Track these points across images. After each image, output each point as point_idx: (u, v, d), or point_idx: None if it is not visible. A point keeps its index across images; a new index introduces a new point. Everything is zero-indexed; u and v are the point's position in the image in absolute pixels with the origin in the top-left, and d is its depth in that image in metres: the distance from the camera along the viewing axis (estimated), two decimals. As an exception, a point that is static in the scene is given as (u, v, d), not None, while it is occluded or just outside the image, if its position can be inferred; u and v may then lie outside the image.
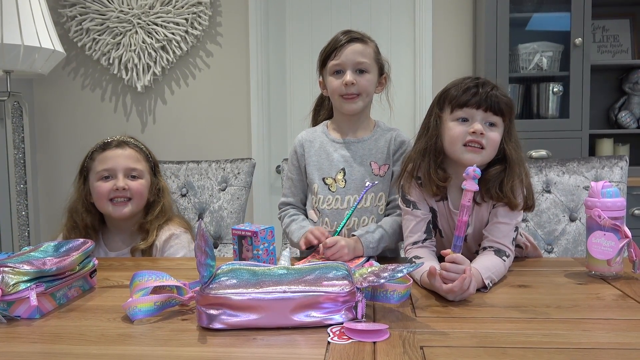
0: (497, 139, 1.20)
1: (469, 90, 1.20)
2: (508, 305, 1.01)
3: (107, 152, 1.53)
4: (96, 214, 1.56)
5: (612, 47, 3.01)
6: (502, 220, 1.23)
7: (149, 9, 3.17)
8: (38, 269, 0.97)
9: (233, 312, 0.87)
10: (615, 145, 2.89)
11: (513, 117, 1.25)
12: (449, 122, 1.23)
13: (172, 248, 1.53)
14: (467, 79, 1.23)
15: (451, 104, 1.22)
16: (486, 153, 1.20)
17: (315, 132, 1.55)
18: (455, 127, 1.21)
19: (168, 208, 1.60)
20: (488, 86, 1.21)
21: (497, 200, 1.22)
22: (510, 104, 1.23)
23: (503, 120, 1.22)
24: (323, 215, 1.48)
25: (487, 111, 1.19)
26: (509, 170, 1.21)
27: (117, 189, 1.49)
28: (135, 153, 1.57)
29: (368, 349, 0.80)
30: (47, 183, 3.39)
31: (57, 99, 3.38)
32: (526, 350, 0.78)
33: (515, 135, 1.25)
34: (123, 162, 1.52)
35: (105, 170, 1.51)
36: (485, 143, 1.18)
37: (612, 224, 1.14)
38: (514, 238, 1.25)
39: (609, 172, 1.71)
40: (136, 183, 1.53)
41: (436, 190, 1.25)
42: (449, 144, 1.23)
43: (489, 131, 1.19)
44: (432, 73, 3.08)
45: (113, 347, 0.83)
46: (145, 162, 1.58)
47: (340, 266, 0.93)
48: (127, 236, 1.58)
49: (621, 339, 0.83)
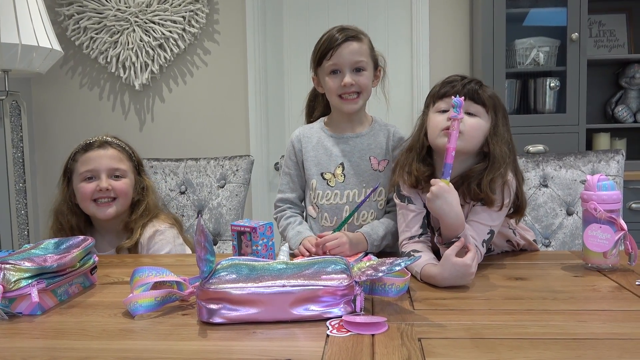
0: (476, 125, 1.21)
1: (450, 83, 1.24)
2: (505, 297, 1.02)
3: (90, 153, 1.52)
4: (82, 215, 1.56)
5: (608, 42, 3.02)
6: (477, 219, 1.22)
7: (146, 7, 3.17)
8: (39, 265, 0.98)
9: (233, 307, 0.88)
10: (612, 139, 2.90)
11: (500, 114, 1.25)
12: (431, 114, 1.25)
13: (156, 245, 1.52)
14: (452, 76, 1.26)
15: (433, 98, 1.26)
16: (465, 139, 1.19)
17: (312, 128, 1.55)
18: (435, 117, 1.23)
19: (153, 206, 1.59)
20: (471, 80, 1.23)
21: (475, 197, 1.22)
22: (495, 98, 1.24)
23: (486, 112, 1.22)
24: (322, 210, 1.48)
25: (466, 99, 1.20)
26: (490, 167, 1.20)
27: (101, 189, 1.49)
28: (118, 153, 1.55)
29: (367, 341, 0.81)
30: (46, 181, 3.39)
31: (55, 98, 3.39)
32: (522, 341, 0.79)
33: (503, 135, 1.24)
34: (106, 162, 1.51)
35: (88, 172, 1.50)
36: (463, 129, 1.18)
37: (607, 217, 1.15)
38: (485, 241, 1.22)
39: (605, 166, 1.72)
40: (120, 183, 1.52)
41: (414, 182, 1.26)
42: (430, 135, 1.24)
43: (467, 118, 1.20)
44: (429, 69, 3.09)
45: (114, 342, 0.84)
46: (128, 162, 1.57)
47: (339, 260, 0.94)
48: (113, 236, 1.57)
49: (617, 330, 0.84)
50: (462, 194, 1.21)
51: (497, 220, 1.24)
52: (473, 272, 1.08)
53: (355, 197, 1.46)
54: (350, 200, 1.46)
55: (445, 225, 1.14)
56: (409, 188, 1.29)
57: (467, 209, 1.25)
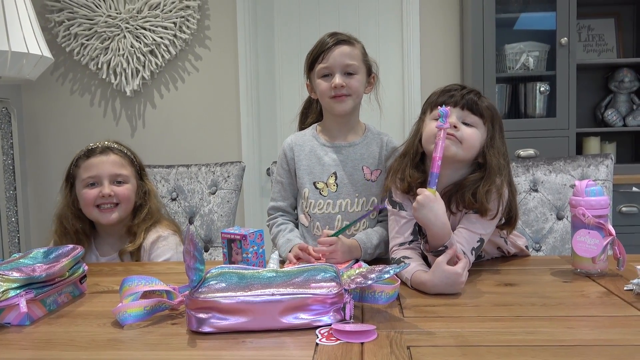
0: (473, 135, 1.21)
1: (449, 92, 1.24)
2: (494, 304, 1.02)
3: (92, 159, 1.53)
4: (86, 220, 1.57)
5: (597, 46, 3.04)
6: (468, 227, 1.23)
7: (137, 13, 3.16)
8: (27, 275, 0.98)
9: (222, 316, 0.88)
10: (602, 143, 2.92)
11: (497, 126, 1.26)
12: (427, 121, 1.26)
13: (159, 249, 1.53)
14: (451, 85, 1.27)
15: (431, 105, 1.27)
16: (463, 147, 1.20)
17: (304, 135, 1.55)
18: (431, 124, 1.24)
19: (155, 211, 1.61)
20: (469, 90, 1.24)
21: (468, 206, 1.22)
22: (492, 109, 1.25)
23: (484, 123, 1.23)
24: (314, 219, 1.48)
25: (464, 109, 1.21)
26: (487, 177, 1.21)
27: (103, 195, 1.50)
28: (120, 158, 1.57)
29: (356, 349, 0.81)
30: (37, 189, 3.37)
31: (45, 105, 3.37)
32: (510, 349, 0.79)
33: (499, 147, 1.25)
34: (108, 168, 1.53)
35: (90, 178, 1.52)
36: (460, 137, 1.19)
37: (596, 222, 1.16)
38: (475, 249, 1.22)
39: (595, 170, 1.73)
40: (122, 188, 1.53)
41: (406, 188, 1.26)
42: (425, 141, 1.25)
43: (465, 128, 1.21)
44: (420, 74, 3.09)
45: (103, 352, 0.84)
46: (130, 167, 1.59)
47: (329, 268, 0.94)
48: (116, 240, 1.59)
49: (605, 336, 0.84)
50: (455, 202, 1.22)
51: (488, 229, 1.25)
52: (463, 280, 1.09)
53: (347, 206, 1.45)
54: (343, 210, 1.46)
55: (432, 234, 1.15)
56: (401, 194, 1.29)
57: (460, 216, 1.26)
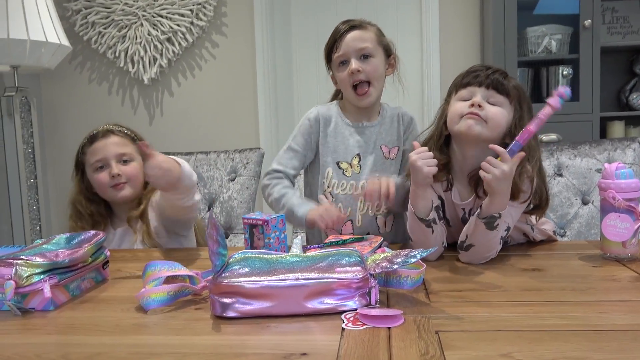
0: (498, 114, 1.18)
1: (474, 72, 1.22)
2: (522, 289, 1.00)
3: (96, 144, 1.58)
4: (101, 202, 1.61)
5: (622, 29, 2.96)
6: None
7: (153, 1, 3.16)
8: (51, 261, 0.98)
9: (246, 300, 0.87)
10: (627, 127, 2.86)
11: (525, 107, 1.22)
12: (452, 102, 1.24)
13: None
14: (477, 65, 1.24)
15: (456, 87, 1.25)
16: (488, 127, 1.17)
17: (329, 110, 1.50)
18: (456, 104, 1.22)
19: None
20: (495, 70, 1.21)
21: None
22: (520, 89, 1.22)
23: (510, 102, 1.20)
24: (337, 200, 1.46)
25: (490, 89, 1.19)
26: None
27: (113, 176, 1.54)
28: (121, 139, 1.61)
29: (383, 334, 0.79)
30: (57, 177, 3.40)
31: (64, 93, 3.39)
32: (542, 334, 0.77)
33: None
34: (112, 149, 1.57)
35: (98, 161, 1.56)
36: (485, 116, 1.17)
37: (626, 206, 1.13)
38: (502, 237, 1.19)
39: (621, 154, 1.69)
40: (129, 167, 1.57)
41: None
42: (450, 121, 1.23)
43: (489, 107, 1.18)
44: (439, 59, 3.04)
45: (127, 336, 0.83)
46: (132, 145, 1.62)
47: (353, 253, 0.93)
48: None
49: (638, 321, 0.82)
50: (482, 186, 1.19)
51: (515, 217, 1.22)
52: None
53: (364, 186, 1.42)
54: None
55: (495, 203, 1.13)
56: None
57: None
